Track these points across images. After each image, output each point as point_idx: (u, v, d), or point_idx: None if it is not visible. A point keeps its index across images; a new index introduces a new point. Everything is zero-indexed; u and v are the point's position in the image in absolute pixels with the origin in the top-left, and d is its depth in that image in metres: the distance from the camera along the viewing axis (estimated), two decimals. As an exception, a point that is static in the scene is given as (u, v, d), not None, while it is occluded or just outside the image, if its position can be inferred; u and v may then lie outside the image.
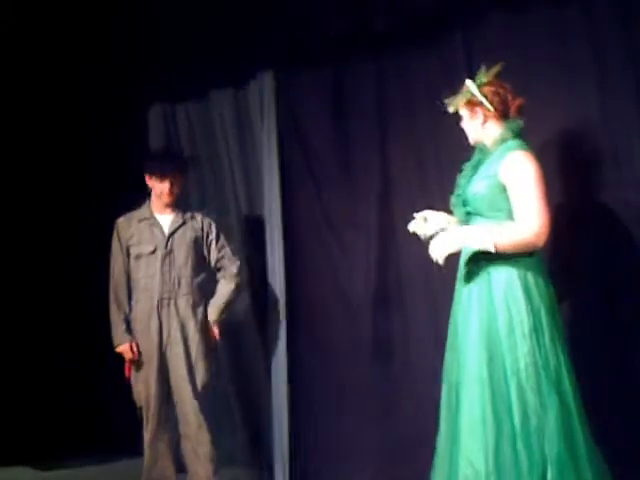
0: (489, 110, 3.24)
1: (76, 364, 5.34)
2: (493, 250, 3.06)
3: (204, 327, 4.24)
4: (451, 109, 3.35)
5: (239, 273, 4.38)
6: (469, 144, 3.40)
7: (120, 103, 5.33)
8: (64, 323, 5.43)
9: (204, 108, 5.22)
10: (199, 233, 4.32)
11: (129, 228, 4.30)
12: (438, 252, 3.15)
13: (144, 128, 5.40)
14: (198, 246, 4.30)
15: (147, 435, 4.19)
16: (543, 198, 3.07)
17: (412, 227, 3.51)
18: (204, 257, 4.34)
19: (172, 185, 4.27)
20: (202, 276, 4.30)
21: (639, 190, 3.64)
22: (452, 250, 3.16)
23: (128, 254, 4.29)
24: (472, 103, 3.27)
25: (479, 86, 3.25)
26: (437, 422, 3.31)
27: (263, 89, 4.79)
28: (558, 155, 3.80)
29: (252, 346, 5.07)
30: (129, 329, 4.23)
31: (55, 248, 5.51)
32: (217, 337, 4.30)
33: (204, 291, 4.30)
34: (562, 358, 3.06)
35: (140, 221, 4.31)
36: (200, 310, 4.25)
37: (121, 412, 4.42)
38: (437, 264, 3.17)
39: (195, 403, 4.15)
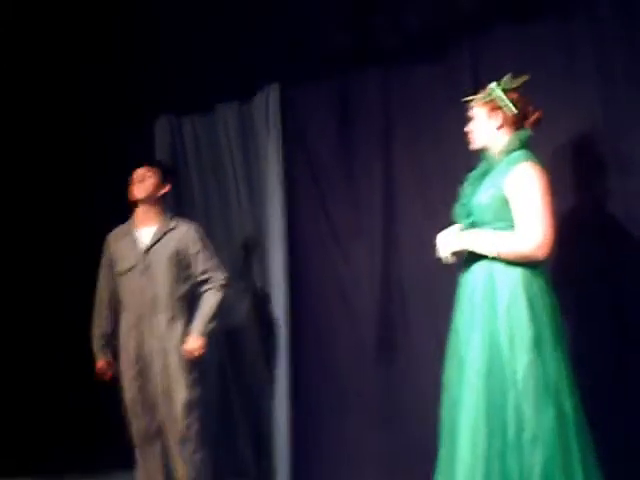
0: (512, 114, 3.22)
1: (67, 374, 5.32)
2: (495, 255, 3.06)
3: (183, 342, 4.09)
4: (472, 105, 3.32)
5: (227, 284, 4.24)
6: (473, 155, 3.38)
7: (126, 115, 5.33)
8: (59, 332, 5.41)
9: (210, 120, 5.24)
10: (181, 244, 4.15)
11: (115, 243, 4.25)
12: (443, 249, 3.23)
13: (150, 140, 5.42)
14: (180, 258, 4.15)
15: (136, 449, 4.16)
16: (547, 211, 3.05)
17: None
18: (187, 268, 4.18)
19: (142, 175, 4.16)
20: (183, 289, 4.16)
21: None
22: (455, 248, 3.20)
23: (114, 270, 4.24)
24: (493, 105, 3.25)
25: (504, 90, 3.24)
26: (438, 431, 3.28)
27: (269, 101, 4.82)
28: (563, 166, 3.80)
29: (254, 356, 5.06)
30: (106, 346, 4.23)
31: (54, 254, 5.51)
32: (201, 350, 4.11)
33: (185, 304, 4.16)
34: (564, 372, 3.03)
35: (123, 236, 4.24)
36: (180, 323, 4.11)
37: (115, 423, 4.35)
38: (442, 261, 3.26)
39: (178, 419, 4.04)
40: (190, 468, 4.05)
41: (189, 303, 4.17)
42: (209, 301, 4.16)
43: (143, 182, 4.17)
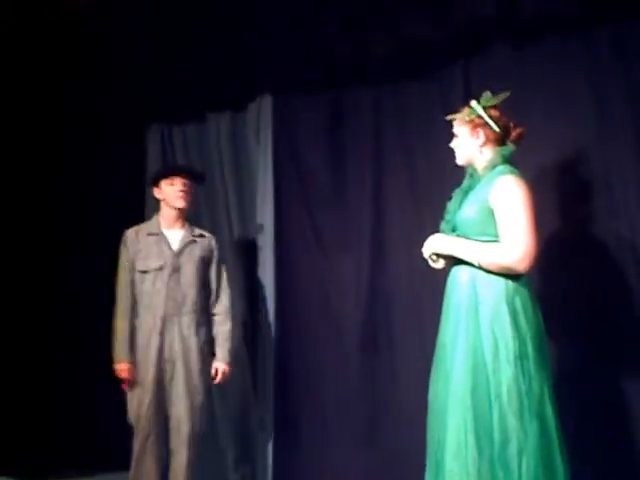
0: (493, 132, 3.26)
1: (61, 377, 5.30)
2: (477, 264, 3.10)
3: (205, 347, 4.19)
4: (455, 123, 3.36)
5: (231, 306, 4.30)
6: (462, 169, 3.41)
7: (118, 124, 5.35)
8: (51, 337, 5.41)
9: (201, 130, 5.27)
10: (207, 253, 4.27)
11: (137, 241, 4.23)
12: (428, 250, 3.30)
13: (142, 149, 5.43)
14: (205, 265, 4.25)
15: (135, 450, 4.11)
16: (530, 223, 3.06)
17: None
18: (207, 277, 4.28)
19: (184, 185, 4.23)
20: (206, 295, 4.25)
21: (631, 220, 3.67)
22: (441, 251, 3.26)
23: (133, 268, 4.21)
24: (475, 123, 3.28)
25: (484, 108, 3.27)
26: (424, 446, 3.27)
27: (260, 112, 4.85)
28: (552, 184, 3.85)
29: (240, 366, 5.06)
30: (131, 347, 4.14)
31: (43, 260, 5.51)
32: (224, 377, 4.24)
33: (208, 310, 4.25)
34: (546, 386, 3.05)
35: (149, 235, 4.24)
36: (203, 331, 4.19)
37: (109, 424, 4.33)
38: (430, 264, 3.34)
39: (189, 421, 4.08)
40: (191, 471, 4.10)
41: (209, 309, 4.25)
42: (221, 331, 4.24)
43: (188, 193, 4.26)
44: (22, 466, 5.07)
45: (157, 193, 4.29)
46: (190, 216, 4.96)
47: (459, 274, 3.22)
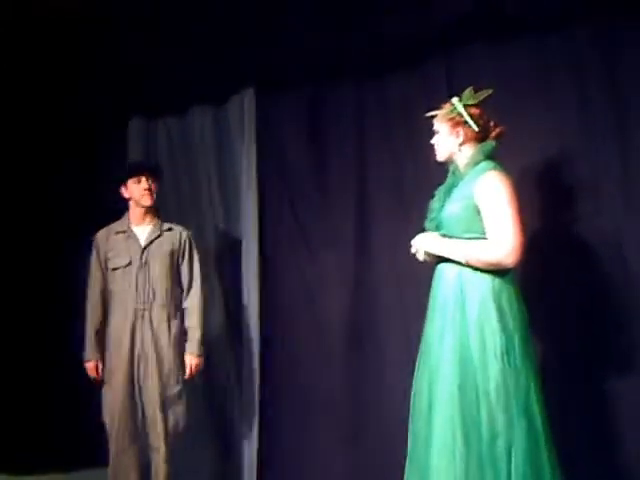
0: (473, 131, 3.27)
1: (39, 371, 5.27)
2: (464, 262, 3.13)
3: (177, 341, 4.21)
4: (435, 120, 3.37)
5: (202, 299, 4.31)
6: (445, 166, 3.42)
7: (100, 117, 5.30)
8: (30, 332, 5.37)
9: (184, 123, 5.22)
10: (175, 246, 4.30)
11: (107, 241, 4.30)
12: (417, 249, 3.36)
13: (123, 142, 5.39)
14: (174, 259, 4.28)
15: (112, 448, 4.13)
16: (516, 218, 3.09)
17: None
18: (178, 269, 4.31)
19: (149, 184, 4.29)
20: (177, 288, 4.28)
21: (616, 219, 3.69)
22: (428, 250, 3.30)
23: (107, 267, 4.28)
24: (455, 121, 3.29)
25: (465, 106, 3.28)
26: (407, 442, 3.30)
27: (243, 107, 4.82)
28: (537, 182, 3.86)
29: (224, 363, 5.06)
30: (99, 345, 4.22)
31: (25, 255, 5.46)
32: (201, 366, 4.27)
33: (178, 303, 4.27)
34: (532, 382, 3.08)
35: (117, 233, 4.31)
36: (175, 323, 4.22)
37: (89, 420, 4.32)
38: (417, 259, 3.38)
39: (163, 416, 4.10)
40: (170, 464, 4.11)
41: (181, 302, 4.28)
42: (196, 319, 4.25)
43: (152, 191, 4.30)
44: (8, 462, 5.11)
45: (124, 192, 4.34)
46: (171, 210, 5.00)
47: (445, 271, 3.24)
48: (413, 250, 3.40)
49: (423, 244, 3.34)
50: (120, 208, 4.44)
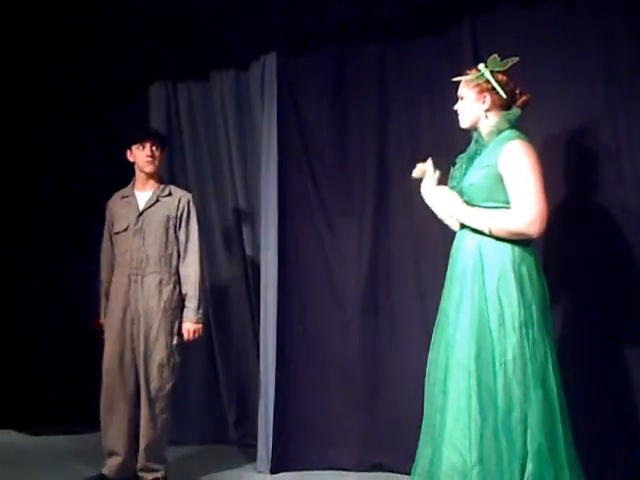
0: (499, 98, 3.20)
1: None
2: (487, 232, 3.08)
3: (168, 306, 4.22)
4: (461, 85, 3.30)
5: (199, 265, 4.27)
6: (467, 133, 3.35)
7: (122, 81, 5.32)
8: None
9: (205, 87, 5.24)
10: (172, 212, 4.29)
11: (114, 206, 4.38)
12: (438, 209, 3.32)
13: (146, 106, 5.39)
14: (170, 224, 4.28)
15: (102, 403, 4.22)
16: (540, 188, 3.04)
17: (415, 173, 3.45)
18: (175, 234, 4.31)
19: (152, 151, 4.29)
20: (173, 254, 4.27)
21: (639, 188, 3.64)
22: (450, 215, 3.26)
23: (113, 231, 4.37)
24: (482, 87, 3.22)
25: (492, 72, 3.21)
26: (422, 410, 3.28)
27: (265, 71, 4.77)
28: (560, 150, 3.81)
29: (243, 325, 5.13)
30: (106, 305, 4.34)
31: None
32: (200, 332, 4.29)
33: (174, 269, 4.27)
34: (549, 354, 3.04)
35: (123, 198, 4.38)
36: (168, 289, 4.23)
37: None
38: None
39: (148, 379, 4.14)
40: (154, 427, 4.15)
41: (177, 268, 4.27)
42: (192, 286, 4.25)
43: (153, 158, 4.30)
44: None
45: (130, 156, 4.36)
46: (190, 175, 5.11)
47: (465, 240, 3.20)
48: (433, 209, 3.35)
49: (444, 209, 3.28)
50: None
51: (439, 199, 3.31)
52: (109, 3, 5.07)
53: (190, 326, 4.23)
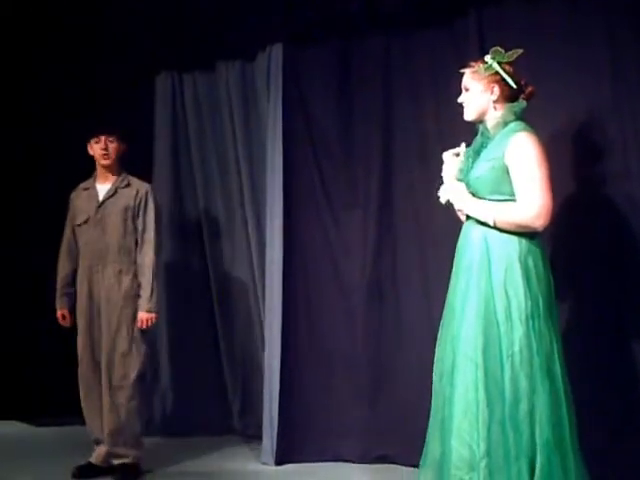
0: (507, 89, 3.19)
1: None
2: (492, 224, 3.08)
3: (128, 295, 4.29)
4: (467, 77, 3.27)
5: (154, 255, 4.31)
6: (473, 127, 3.34)
7: (124, 78, 5.33)
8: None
9: (211, 78, 5.25)
10: (131, 202, 4.34)
11: (76, 198, 4.47)
12: (443, 195, 3.30)
13: (151, 96, 5.41)
14: (129, 215, 4.34)
15: (80, 394, 4.33)
16: (546, 180, 3.03)
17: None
18: (134, 224, 4.36)
19: (107, 145, 4.34)
20: (131, 244, 4.34)
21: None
22: (454, 202, 3.27)
23: (75, 223, 4.45)
24: (490, 78, 3.20)
25: (499, 63, 3.20)
26: (428, 402, 3.28)
27: (271, 62, 4.76)
28: (567, 144, 3.81)
29: (248, 318, 5.13)
30: (63, 296, 4.45)
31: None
32: (153, 321, 4.32)
33: (132, 258, 4.33)
34: (555, 346, 3.05)
35: (84, 190, 4.46)
36: (127, 278, 4.30)
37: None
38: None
39: (107, 368, 4.22)
40: (117, 414, 4.21)
41: (136, 258, 4.34)
42: (146, 275, 4.30)
43: (107, 151, 4.35)
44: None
45: (89, 149, 4.42)
46: (196, 165, 5.17)
47: (471, 233, 3.20)
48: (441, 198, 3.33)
49: (453, 196, 3.27)
50: (139, 162, 4.49)
51: (449, 188, 3.30)
52: (109, 3, 5.07)
53: (143, 315, 4.27)
